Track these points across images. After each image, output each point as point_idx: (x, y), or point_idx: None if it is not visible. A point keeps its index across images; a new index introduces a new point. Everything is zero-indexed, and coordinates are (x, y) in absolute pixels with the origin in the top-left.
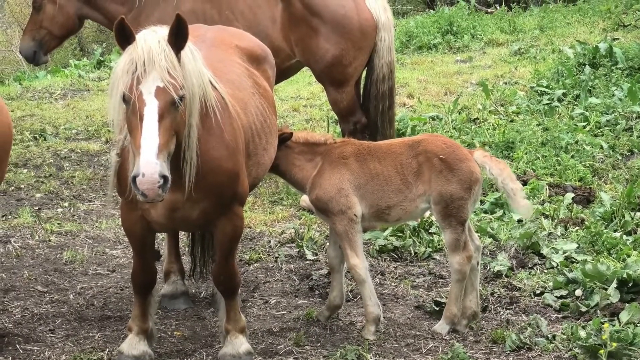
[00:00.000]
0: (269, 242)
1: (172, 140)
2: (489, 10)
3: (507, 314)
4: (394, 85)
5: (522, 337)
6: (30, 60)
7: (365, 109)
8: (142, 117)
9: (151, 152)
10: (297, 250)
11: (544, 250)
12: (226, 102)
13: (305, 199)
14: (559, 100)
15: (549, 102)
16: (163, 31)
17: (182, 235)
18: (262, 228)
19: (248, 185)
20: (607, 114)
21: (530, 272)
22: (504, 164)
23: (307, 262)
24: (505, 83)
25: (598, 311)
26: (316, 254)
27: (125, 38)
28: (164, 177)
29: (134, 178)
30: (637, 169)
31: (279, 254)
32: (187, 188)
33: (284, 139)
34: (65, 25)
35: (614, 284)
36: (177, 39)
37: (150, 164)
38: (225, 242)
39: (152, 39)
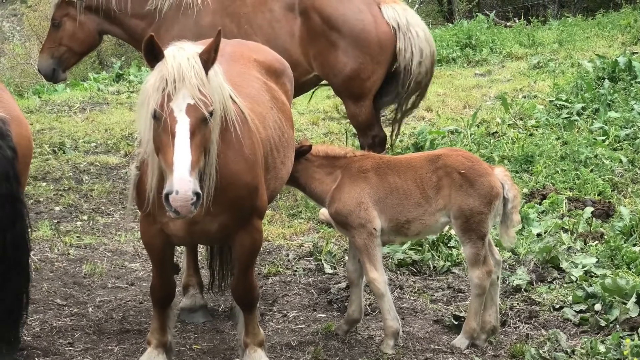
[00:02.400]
0: (288, 255)
1: (202, 157)
2: (508, 23)
3: (527, 329)
4: (431, 78)
5: (541, 351)
6: (49, 78)
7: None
8: (174, 134)
9: (184, 170)
10: (316, 263)
11: (564, 265)
12: (245, 116)
13: (324, 212)
14: (578, 114)
15: (568, 115)
16: (191, 47)
17: (201, 249)
18: (280, 241)
19: (267, 198)
20: (627, 128)
21: (549, 287)
22: (518, 192)
23: (326, 275)
24: (524, 97)
25: (617, 325)
26: (335, 268)
27: (154, 55)
28: (196, 194)
29: (167, 195)
30: None
31: (297, 268)
32: (206, 202)
33: (304, 152)
34: (85, 41)
35: (634, 299)
36: (210, 56)
37: (184, 182)
38: (244, 255)
39: (181, 56)
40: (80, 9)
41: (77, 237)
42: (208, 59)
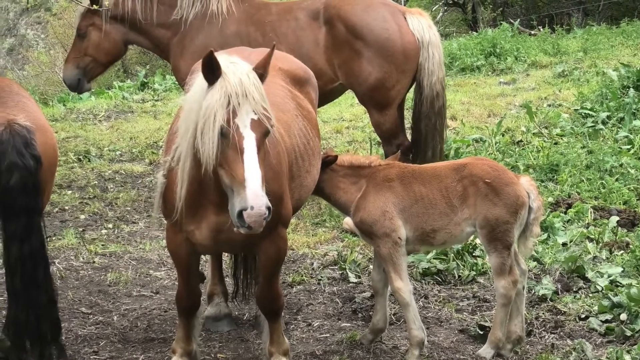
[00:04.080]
0: (312, 264)
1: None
2: (532, 32)
3: (552, 338)
4: (445, 101)
5: None
6: (74, 89)
7: (417, 129)
8: (242, 150)
9: (257, 185)
10: (340, 272)
11: (589, 274)
12: None
13: (348, 221)
14: (603, 122)
15: (593, 124)
16: (242, 62)
17: (225, 257)
18: (304, 250)
19: (292, 207)
20: None
21: (575, 296)
22: (542, 203)
23: (350, 284)
24: (549, 105)
25: None
26: (359, 277)
27: (212, 71)
28: (268, 208)
29: (241, 212)
30: None
31: (321, 277)
32: None
33: (329, 162)
34: (110, 51)
35: None
36: (264, 71)
37: (258, 197)
38: (269, 264)
39: (240, 71)
40: (106, 18)
41: (102, 245)
42: (263, 74)
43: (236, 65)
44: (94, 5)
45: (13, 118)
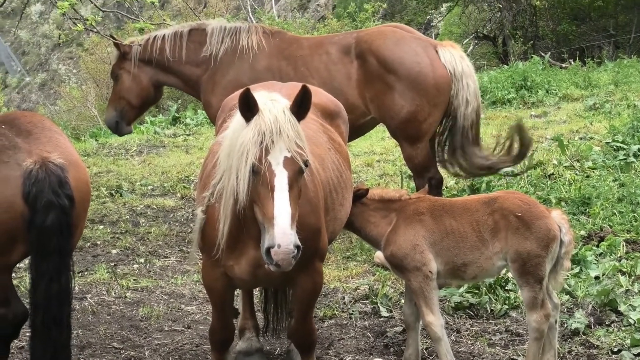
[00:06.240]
0: (343, 298)
1: (297, 207)
2: (563, 65)
3: None
4: (479, 130)
5: None
6: (114, 131)
7: (455, 161)
8: (273, 188)
9: (286, 223)
10: (372, 306)
11: (622, 308)
12: None
13: (379, 255)
14: (635, 155)
15: (624, 157)
16: (282, 99)
17: (255, 292)
18: (336, 284)
19: (327, 240)
20: None
21: (607, 330)
22: (573, 237)
23: (382, 319)
24: (581, 138)
25: None
26: (391, 311)
27: (249, 108)
28: (297, 247)
29: (268, 249)
30: None
31: (353, 311)
32: None
33: (360, 195)
34: (140, 94)
35: None
36: (300, 108)
37: (286, 235)
38: (304, 298)
39: (277, 109)
40: (135, 62)
41: (134, 279)
42: (300, 112)
43: (274, 102)
44: (125, 42)
45: (47, 156)
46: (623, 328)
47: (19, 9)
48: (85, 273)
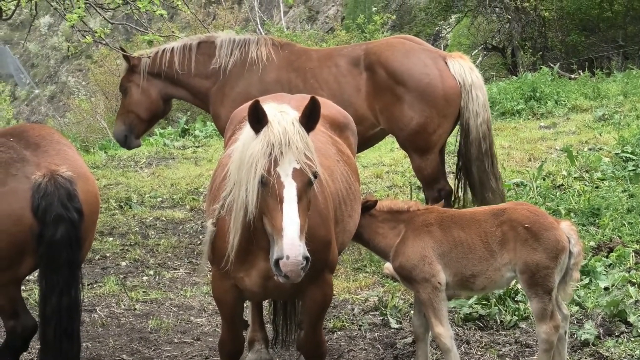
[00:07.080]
0: (353, 309)
1: (306, 219)
2: (572, 76)
3: None
4: (493, 141)
5: None
6: (123, 144)
7: (468, 171)
8: (282, 199)
9: (295, 235)
10: (381, 318)
11: (631, 318)
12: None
13: (388, 267)
14: None
15: (634, 168)
16: (291, 111)
17: (265, 304)
18: (345, 295)
19: (337, 252)
20: None
21: (617, 341)
22: (582, 248)
23: (392, 330)
24: (590, 149)
25: None
26: (400, 322)
27: (258, 120)
28: (306, 258)
29: (277, 261)
30: None
31: (362, 322)
32: None
33: (369, 207)
34: (149, 108)
35: None
36: (309, 120)
37: (294, 247)
38: (314, 309)
39: (286, 120)
40: (144, 75)
41: (144, 292)
42: (309, 124)
43: (283, 114)
44: (134, 54)
45: (56, 169)
46: (633, 339)
47: (28, 21)
48: (95, 285)
